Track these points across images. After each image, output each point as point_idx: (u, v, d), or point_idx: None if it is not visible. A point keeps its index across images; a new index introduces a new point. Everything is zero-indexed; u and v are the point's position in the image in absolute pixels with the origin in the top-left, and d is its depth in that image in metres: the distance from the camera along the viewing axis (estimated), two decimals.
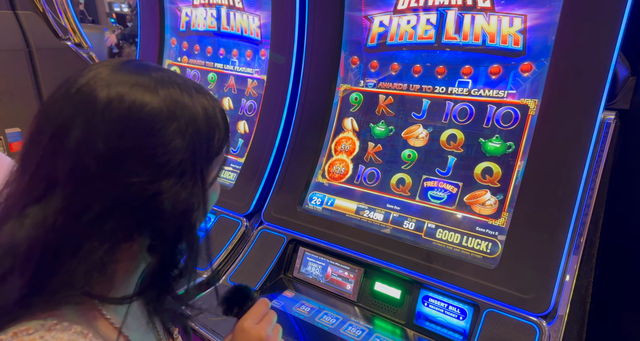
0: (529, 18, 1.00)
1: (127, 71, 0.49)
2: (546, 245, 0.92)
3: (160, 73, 0.51)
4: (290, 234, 1.27)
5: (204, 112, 0.51)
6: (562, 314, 0.89)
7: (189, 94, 0.51)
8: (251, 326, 0.64)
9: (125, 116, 0.46)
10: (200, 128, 0.51)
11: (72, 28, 2.88)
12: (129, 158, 0.46)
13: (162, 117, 0.47)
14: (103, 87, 0.47)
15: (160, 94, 0.48)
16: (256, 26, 1.50)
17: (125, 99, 0.46)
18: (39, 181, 0.46)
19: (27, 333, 0.43)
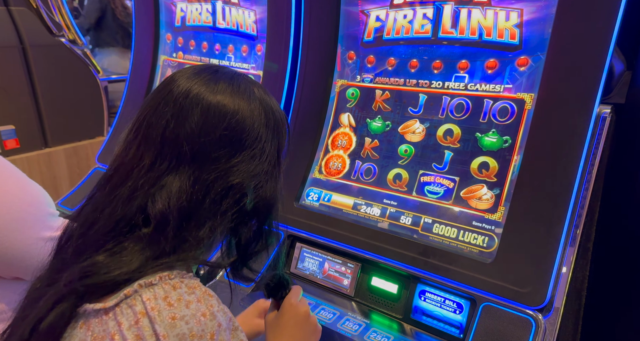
0: (526, 12, 1.00)
1: (218, 81, 0.63)
2: (542, 239, 0.92)
3: (242, 78, 0.65)
4: (288, 230, 1.26)
5: (277, 110, 0.66)
6: (558, 306, 0.89)
7: (267, 95, 0.66)
8: (297, 302, 0.76)
9: (232, 112, 0.60)
10: (278, 125, 0.66)
11: (66, 24, 2.85)
12: (233, 146, 0.60)
13: (257, 114, 0.62)
14: (208, 94, 0.60)
15: (251, 98, 0.63)
16: (252, 21, 1.49)
17: (233, 100, 0.61)
18: (165, 156, 0.58)
19: (169, 277, 0.55)
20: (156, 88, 0.64)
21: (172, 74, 0.65)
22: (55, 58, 2.55)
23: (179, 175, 0.57)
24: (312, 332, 0.76)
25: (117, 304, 0.52)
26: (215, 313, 0.54)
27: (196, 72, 0.63)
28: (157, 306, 0.51)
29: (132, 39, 1.83)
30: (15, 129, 2.22)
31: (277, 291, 0.77)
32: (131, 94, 1.83)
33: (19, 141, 2.22)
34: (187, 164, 0.58)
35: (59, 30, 2.80)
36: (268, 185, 0.63)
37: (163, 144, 0.58)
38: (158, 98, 0.61)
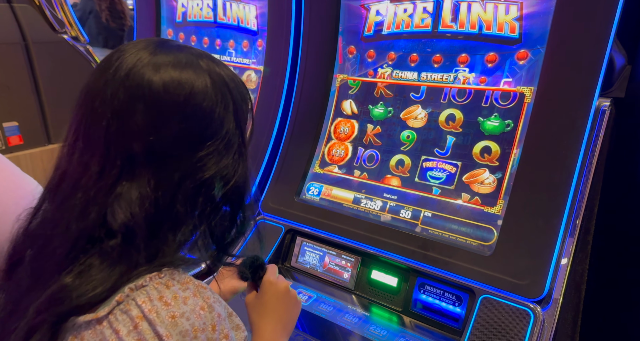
0: (525, 5, 1.00)
1: (165, 52, 0.54)
2: (541, 231, 0.92)
3: (195, 50, 0.57)
4: (288, 225, 1.27)
5: (234, 82, 0.58)
6: (556, 298, 0.90)
7: (221, 67, 0.58)
8: (276, 279, 0.76)
9: (185, 99, 0.52)
10: (237, 99, 0.57)
11: (68, 21, 2.86)
12: (192, 139, 0.53)
13: (214, 96, 0.54)
14: (153, 72, 0.52)
15: (206, 72, 0.55)
16: (253, 16, 1.49)
17: (181, 83, 0.52)
18: (114, 161, 0.51)
19: (159, 277, 0.51)
20: (89, 80, 0.54)
21: (103, 61, 0.55)
22: (58, 55, 2.56)
23: (135, 181, 0.51)
24: (293, 305, 0.76)
25: (111, 311, 0.49)
26: (213, 304, 0.52)
27: (134, 60, 0.52)
28: (154, 308, 0.48)
29: (134, 35, 1.83)
30: (19, 125, 2.23)
31: (255, 272, 0.77)
32: None
33: (22, 138, 2.24)
34: (143, 167, 0.51)
35: (61, 27, 2.80)
36: (239, 171, 0.57)
37: (108, 148, 0.51)
38: (93, 94, 0.52)
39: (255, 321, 0.73)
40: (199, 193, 0.54)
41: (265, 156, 1.39)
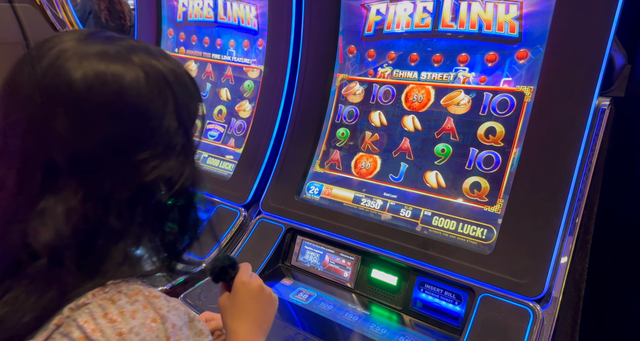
0: (525, 4, 1.00)
1: (91, 43, 0.47)
2: (541, 230, 0.93)
3: (129, 42, 0.50)
4: (288, 224, 1.28)
5: (175, 75, 0.52)
6: (556, 296, 0.90)
7: (160, 59, 0.51)
8: (249, 279, 0.71)
9: (112, 99, 0.46)
10: (177, 94, 0.51)
11: (69, 21, 2.86)
12: (125, 143, 0.47)
13: (148, 92, 0.48)
14: (75, 67, 0.45)
15: (138, 66, 0.48)
16: (253, 16, 1.50)
17: (107, 79, 0.45)
18: (33, 174, 0.45)
19: (103, 291, 0.46)
20: (7, 77, 0.47)
21: (28, 52, 0.48)
22: None
23: (60, 194, 0.45)
24: (268, 303, 0.72)
25: (49, 337, 0.44)
26: (166, 314, 0.48)
27: (57, 53, 0.46)
28: (97, 327, 0.43)
29: (135, 35, 1.84)
30: None
31: (225, 273, 0.72)
32: None
33: None
34: (68, 178, 0.45)
35: (62, 27, 2.81)
36: (185, 174, 0.51)
37: (26, 158, 0.45)
38: (7, 95, 0.46)
39: (228, 323, 0.69)
40: (138, 201, 0.48)
41: (265, 155, 1.40)
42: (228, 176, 1.47)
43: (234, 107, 1.57)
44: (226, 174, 1.50)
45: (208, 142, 1.61)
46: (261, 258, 1.24)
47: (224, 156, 1.55)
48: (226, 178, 1.46)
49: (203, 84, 1.67)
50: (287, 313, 1.07)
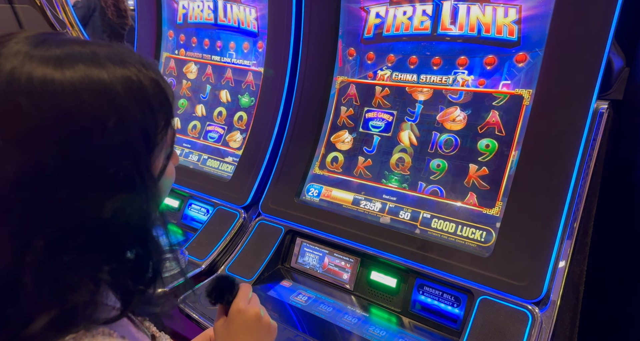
0: (524, 8, 1.01)
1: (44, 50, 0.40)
2: (539, 233, 0.93)
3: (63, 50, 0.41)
4: (288, 225, 1.28)
5: (128, 88, 0.42)
6: (554, 299, 0.90)
7: (106, 68, 0.42)
8: (245, 306, 0.68)
9: (52, 122, 0.38)
10: (132, 115, 0.43)
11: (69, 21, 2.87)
12: (68, 174, 0.40)
13: (90, 115, 0.40)
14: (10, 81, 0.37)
15: (76, 84, 0.39)
16: (253, 18, 1.50)
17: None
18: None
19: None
20: None
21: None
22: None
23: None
24: (265, 334, 0.68)
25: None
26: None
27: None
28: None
29: (135, 36, 1.84)
30: None
31: (222, 295, 0.68)
32: None
33: None
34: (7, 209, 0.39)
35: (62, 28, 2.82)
36: (140, 207, 0.45)
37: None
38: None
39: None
40: (77, 242, 0.41)
41: (265, 157, 1.40)
42: (228, 178, 1.47)
43: (234, 108, 1.58)
44: (226, 175, 1.50)
45: (208, 143, 1.61)
46: (261, 259, 1.24)
47: (224, 158, 1.56)
48: (226, 180, 1.47)
49: (203, 86, 1.68)
50: (287, 315, 1.08)
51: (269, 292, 1.16)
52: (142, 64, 0.45)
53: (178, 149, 1.67)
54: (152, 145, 0.46)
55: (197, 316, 1.05)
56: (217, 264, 1.26)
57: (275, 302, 1.12)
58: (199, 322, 1.05)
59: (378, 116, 1.26)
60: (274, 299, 1.13)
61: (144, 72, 0.45)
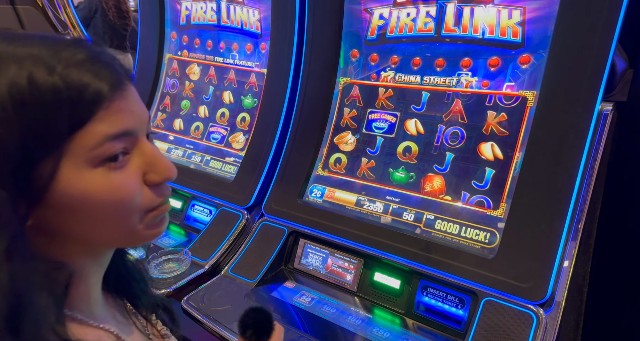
0: (528, 10, 1.01)
1: None
2: (544, 235, 0.93)
3: None
4: (291, 227, 1.28)
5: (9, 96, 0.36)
6: (559, 301, 0.90)
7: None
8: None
9: None
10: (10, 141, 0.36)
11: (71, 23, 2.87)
12: None
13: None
14: None
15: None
16: (256, 19, 1.50)
17: None
18: None
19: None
20: None
21: None
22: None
23: None
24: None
25: None
26: None
27: None
28: None
29: (138, 38, 1.84)
30: None
31: (260, 335, 0.60)
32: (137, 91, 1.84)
33: None
34: None
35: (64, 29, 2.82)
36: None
37: None
38: None
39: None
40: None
41: (268, 158, 1.40)
42: (231, 179, 1.47)
43: (237, 109, 1.58)
44: (229, 176, 1.50)
45: (211, 144, 1.61)
46: (264, 260, 1.24)
47: (226, 159, 1.56)
48: (229, 181, 1.47)
49: (206, 87, 1.68)
50: (290, 316, 1.08)
51: (273, 293, 1.16)
52: (45, 64, 0.39)
53: (180, 150, 1.67)
54: (39, 151, 0.38)
55: (200, 317, 1.05)
56: (220, 265, 1.26)
57: (279, 303, 1.12)
58: (202, 323, 1.05)
59: (381, 118, 1.26)
60: (277, 300, 1.13)
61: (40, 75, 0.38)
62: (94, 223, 0.44)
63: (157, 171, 0.47)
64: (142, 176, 0.46)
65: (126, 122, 0.43)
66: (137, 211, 0.46)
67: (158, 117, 1.78)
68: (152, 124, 1.80)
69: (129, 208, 0.45)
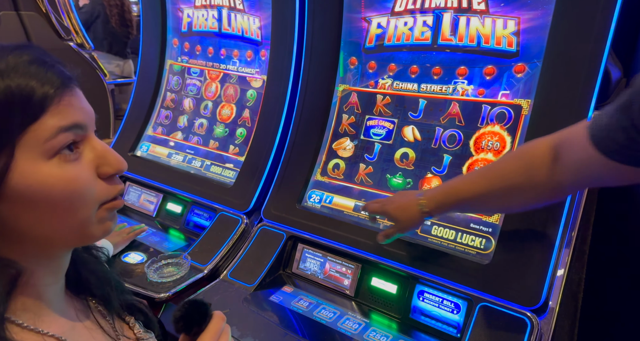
0: (523, 20, 1.03)
1: None
2: (538, 241, 0.94)
3: None
4: (290, 231, 1.29)
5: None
6: (553, 306, 0.91)
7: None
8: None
9: None
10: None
11: (74, 29, 2.91)
12: None
13: None
14: None
15: None
16: (257, 27, 1.53)
17: None
18: None
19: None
20: None
21: None
22: (63, 61, 2.60)
23: None
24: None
25: None
26: None
27: None
28: None
29: (140, 44, 1.87)
30: None
31: (190, 326, 0.58)
32: (138, 98, 1.86)
33: None
34: None
35: (67, 35, 2.86)
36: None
37: None
38: None
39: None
40: None
41: (267, 164, 1.42)
42: (230, 184, 1.49)
43: (237, 115, 1.60)
44: (228, 181, 1.52)
45: (211, 149, 1.63)
46: (262, 265, 1.25)
47: (226, 164, 1.57)
48: (228, 186, 1.48)
49: (206, 94, 1.70)
50: (288, 321, 1.09)
51: (271, 297, 1.17)
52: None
53: (181, 155, 1.69)
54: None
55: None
56: (219, 270, 1.27)
57: (277, 307, 1.13)
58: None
59: (379, 124, 1.28)
60: (275, 304, 1.14)
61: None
62: (49, 217, 0.46)
63: (109, 163, 0.50)
64: (94, 169, 0.49)
65: (76, 116, 0.47)
66: (91, 203, 0.48)
67: (159, 123, 1.80)
68: (153, 129, 1.82)
69: (84, 199, 0.47)
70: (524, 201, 0.78)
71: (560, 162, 0.70)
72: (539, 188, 0.74)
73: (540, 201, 0.80)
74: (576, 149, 0.66)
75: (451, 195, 0.85)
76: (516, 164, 0.78)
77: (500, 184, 0.78)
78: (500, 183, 0.78)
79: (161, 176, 1.62)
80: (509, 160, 0.82)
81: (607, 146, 0.59)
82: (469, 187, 0.83)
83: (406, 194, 0.95)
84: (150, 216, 1.60)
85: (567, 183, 0.71)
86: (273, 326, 1.05)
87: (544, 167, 0.72)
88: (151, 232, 1.48)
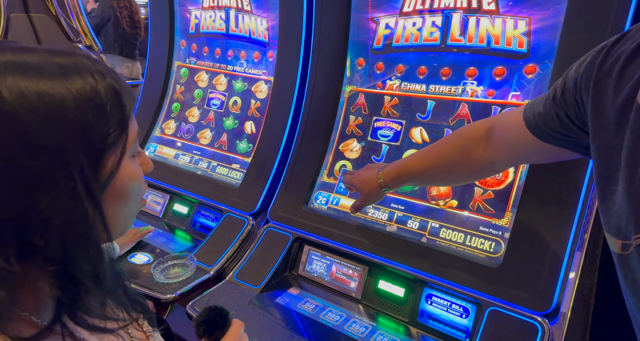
0: (534, 20, 1.01)
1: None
2: (549, 244, 0.93)
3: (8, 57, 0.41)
4: (296, 233, 1.28)
5: (71, 98, 0.42)
6: (564, 312, 0.89)
7: (49, 77, 0.41)
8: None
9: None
10: (67, 119, 0.41)
11: (83, 30, 2.94)
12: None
13: (19, 117, 0.38)
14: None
15: (9, 87, 0.38)
16: (264, 28, 1.52)
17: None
18: None
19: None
20: None
21: None
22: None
23: None
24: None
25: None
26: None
27: None
28: None
29: (148, 45, 1.88)
30: None
31: (212, 331, 0.63)
32: (146, 99, 1.87)
33: None
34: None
35: (76, 36, 2.88)
36: (75, 216, 0.42)
37: None
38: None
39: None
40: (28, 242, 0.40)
41: (274, 165, 1.41)
42: (237, 185, 1.48)
43: (244, 117, 1.60)
44: (235, 182, 1.51)
45: (217, 151, 1.63)
46: (268, 267, 1.24)
47: (232, 165, 1.57)
48: (235, 187, 1.48)
49: (214, 94, 1.70)
50: (294, 323, 1.08)
51: (277, 299, 1.16)
52: (97, 70, 0.46)
53: (188, 156, 1.69)
54: (93, 151, 0.44)
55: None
56: (225, 271, 1.27)
57: (283, 310, 1.12)
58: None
59: (387, 125, 1.27)
60: (281, 306, 1.13)
61: (97, 79, 0.45)
62: (119, 209, 0.51)
63: (147, 163, 0.57)
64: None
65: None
66: (141, 197, 0.55)
67: (167, 124, 1.81)
68: (161, 130, 1.83)
69: (142, 190, 0.55)
70: (461, 176, 0.90)
71: (494, 142, 0.78)
72: (472, 165, 0.83)
73: (475, 177, 0.96)
74: (510, 133, 0.74)
75: (403, 171, 0.94)
76: (455, 143, 0.87)
77: (441, 161, 0.87)
78: (441, 160, 0.87)
79: (168, 177, 1.62)
80: (450, 139, 0.91)
81: (541, 131, 0.67)
82: (417, 164, 0.92)
83: (371, 168, 1.04)
84: (156, 217, 1.60)
85: (498, 161, 0.80)
86: (279, 329, 1.04)
87: (479, 147, 0.81)
88: (157, 233, 1.48)
